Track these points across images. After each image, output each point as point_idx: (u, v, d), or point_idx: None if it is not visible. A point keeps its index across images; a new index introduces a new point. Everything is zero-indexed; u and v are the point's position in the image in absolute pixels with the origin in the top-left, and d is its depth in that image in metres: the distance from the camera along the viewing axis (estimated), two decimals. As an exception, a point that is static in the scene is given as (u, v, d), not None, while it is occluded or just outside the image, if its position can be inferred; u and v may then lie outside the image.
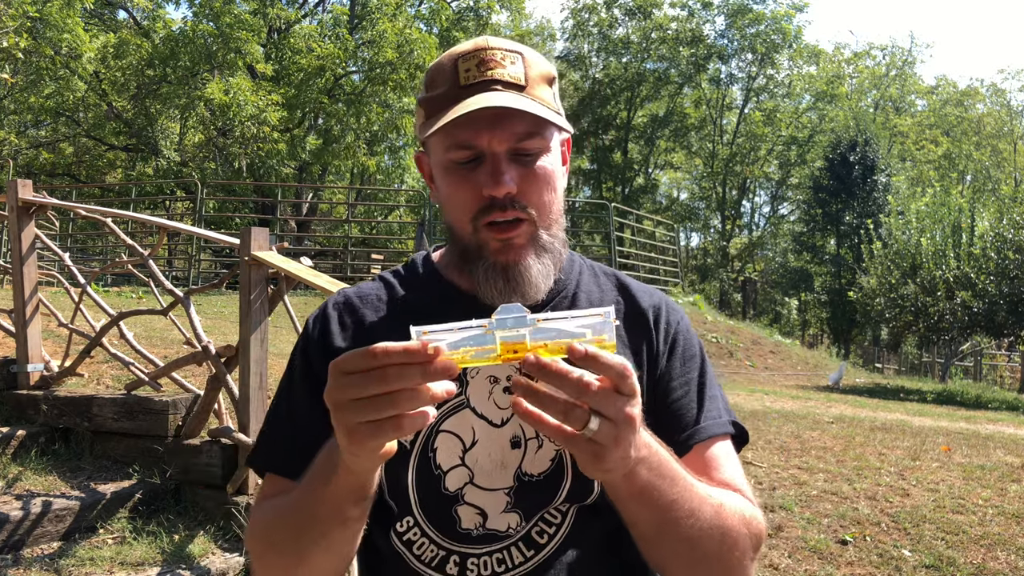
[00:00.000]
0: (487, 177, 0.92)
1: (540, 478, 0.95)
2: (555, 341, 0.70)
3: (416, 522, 0.95)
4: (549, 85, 0.97)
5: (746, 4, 29.79)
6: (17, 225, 4.32)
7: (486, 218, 0.93)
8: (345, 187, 20.41)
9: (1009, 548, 3.34)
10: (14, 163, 16.12)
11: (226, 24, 16.02)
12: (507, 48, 0.95)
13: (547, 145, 0.96)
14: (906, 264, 13.62)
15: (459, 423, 0.95)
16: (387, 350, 0.66)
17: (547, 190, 0.96)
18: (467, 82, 0.93)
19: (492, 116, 0.91)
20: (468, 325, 0.70)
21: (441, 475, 0.95)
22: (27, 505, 3.21)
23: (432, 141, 0.98)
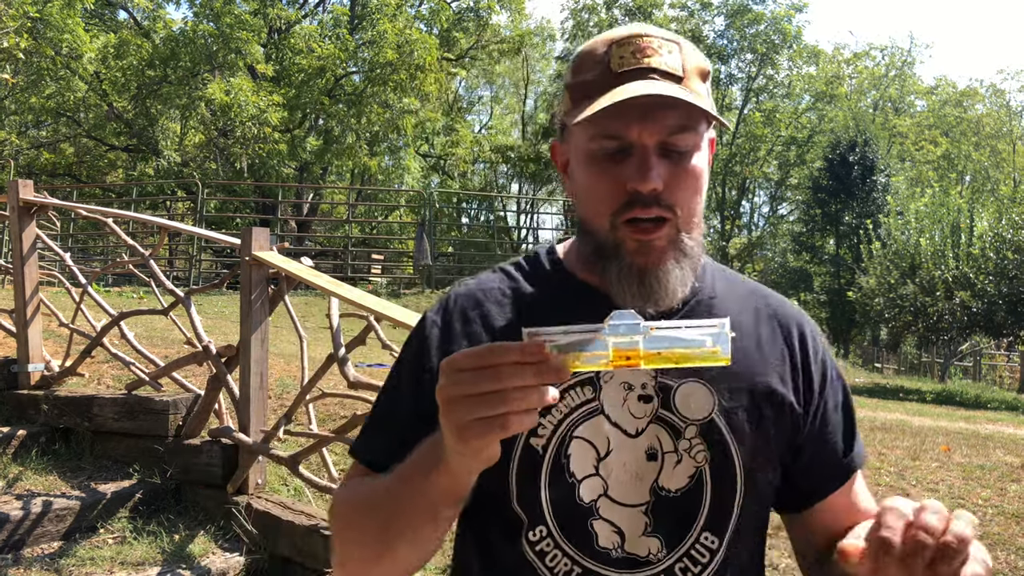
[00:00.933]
0: (633, 170, 0.85)
1: (678, 495, 0.89)
2: (669, 350, 0.70)
3: (549, 532, 0.90)
4: (704, 80, 0.91)
5: (746, 4, 29.80)
6: (18, 225, 4.32)
7: (627, 214, 0.87)
8: (345, 187, 20.42)
9: (1009, 548, 3.35)
10: (15, 163, 16.12)
11: (226, 24, 16.03)
12: (664, 37, 0.89)
13: (699, 142, 0.89)
14: (905, 264, 13.63)
15: (593, 430, 0.90)
16: (502, 348, 0.67)
17: (694, 191, 0.90)
18: (620, 68, 0.86)
19: (644, 107, 0.85)
20: (580, 329, 0.70)
21: (575, 484, 0.89)
22: (28, 505, 3.21)
23: (574, 129, 0.91)
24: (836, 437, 0.98)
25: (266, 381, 3.52)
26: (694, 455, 0.89)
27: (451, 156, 22.69)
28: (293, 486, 3.66)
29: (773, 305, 1.01)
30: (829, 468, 0.97)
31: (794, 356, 0.97)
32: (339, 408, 4.46)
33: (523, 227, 27.33)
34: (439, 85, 18.15)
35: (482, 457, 0.72)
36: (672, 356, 0.70)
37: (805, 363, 0.97)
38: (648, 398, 0.90)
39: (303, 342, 3.89)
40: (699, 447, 0.90)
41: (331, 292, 3.07)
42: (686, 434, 0.90)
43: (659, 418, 0.90)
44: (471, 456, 0.72)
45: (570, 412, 0.90)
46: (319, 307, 9.59)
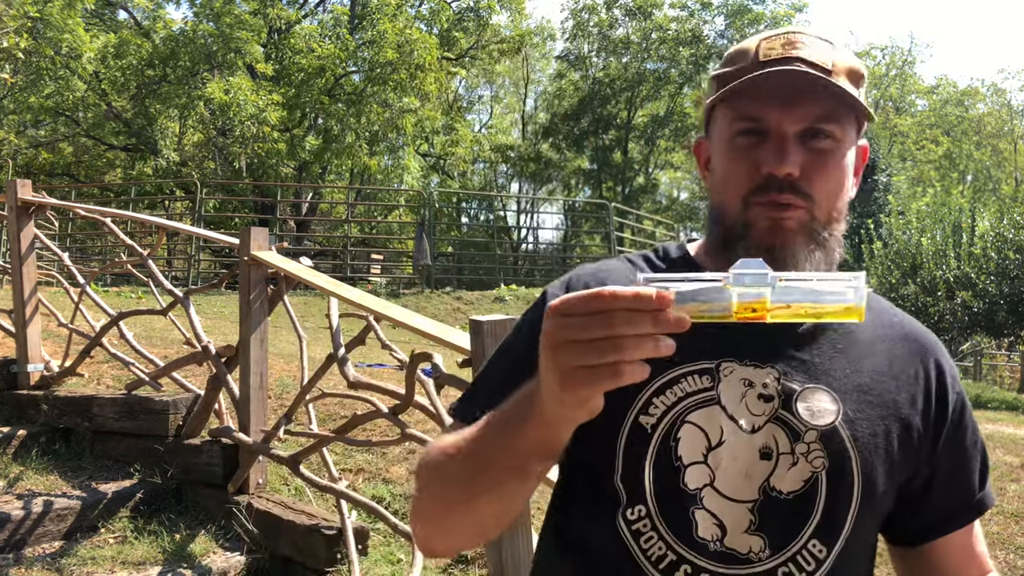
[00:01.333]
0: (770, 153, 0.85)
1: (789, 497, 0.85)
2: (799, 303, 0.64)
3: (648, 513, 0.87)
4: (855, 83, 0.89)
5: (746, 4, 29.79)
6: (16, 225, 4.32)
7: (759, 197, 0.86)
8: (345, 187, 20.42)
9: (1008, 548, 3.35)
10: (13, 163, 16.12)
11: (226, 24, 16.02)
12: (818, 36, 0.89)
13: (844, 136, 0.88)
14: (906, 264, 13.63)
15: (707, 418, 0.87)
16: (615, 294, 0.61)
17: (834, 182, 0.87)
18: (768, 58, 0.86)
19: (788, 92, 0.85)
20: (702, 277, 0.65)
21: (681, 468, 0.86)
22: (28, 505, 3.21)
23: (718, 119, 0.91)
24: (971, 472, 0.96)
25: (266, 381, 3.52)
26: (811, 460, 0.86)
27: (451, 156, 22.68)
28: (294, 486, 3.66)
29: (909, 327, 0.98)
30: (959, 502, 0.95)
31: (928, 381, 0.94)
32: (339, 408, 4.46)
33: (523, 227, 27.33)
34: (439, 85, 18.15)
35: (587, 407, 0.67)
36: (802, 310, 0.64)
37: (941, 391, 0.94)
38: (769, 397, 0.88)
39: (302, 342, 3.88)
40: (818, 453, 0.87)
41: (330, 292, 3.07)
42: (806, 438, 0.87)
43: (778, 418, 0.87)
44: (574, 405, 0.67)
45: (685, 396, 0.88)
46: (319, 307, 9.59)
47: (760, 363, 0.89)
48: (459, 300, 12.69)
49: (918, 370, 0.94)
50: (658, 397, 0.88)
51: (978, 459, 0.97)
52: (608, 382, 0.63)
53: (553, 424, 0.71)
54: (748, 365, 0.89)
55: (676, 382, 0.88)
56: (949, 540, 0.96)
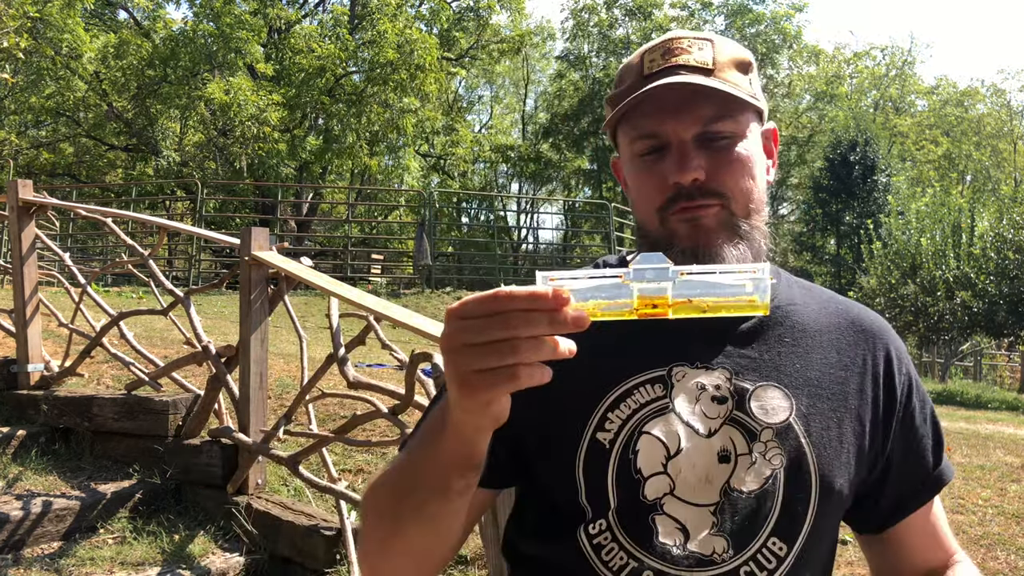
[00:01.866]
0: (673, 164, 0.87)
1: (749, 497, 0.86)
2: (701, 297, 0.63)
3: (609, 526, 0.87)
4: (743, 71, 0.91)
5: (746, 4, 29.79)
6: (17, 225, 4.32)
7: (674, 207, 0.88)
8: (345, 187, 20.42)
9: (1009, 548, 3.34)
10: (14, 163, 16.12)
11: (226, 24, 16.02)
12: (695, 36, 0.91)
13: (741, 130, 0.89)
14: (906, 264, 13.63)
15: (664, 428, 0.87)
16: (511, 294, 0.59)
17: (743, 176, 0.89)
18: (650, 71, 0.89)
19: (676, 101, 0.87)
20: (602, 274, 0.64)
21: (641, 480, 0.86)
22: (27, 505, 3.21)
23: (620, 138, 0.94)
24: (925, 450, 0.96)
25: (266, 381, 3.52)
26: (769, 458, 0.87)
27: (451, 156, 22.68)
28: (293, 486, 3.66)
29: (855, 313, 0.99)
30: (915, 481, 0.95)
31: (876, 368, 0.95)
32: (339, 408, 4.46)
33: (523, 227, 27.32)
34: (439, 85, 18.14)
35: (489, 413, 0.65)
36: (704, 304, 0.63)
37: (889, 378, 0.95)
38: (722, 399, 0.88)
39: (303, 342, 3.88)
40: (775, 451, 0.87)
41: (331, 292, 3.07)
42: (762, 437, 0.87)
43: (733, 419, 0.88)
44: (477, 412, 0.65)
45: (639, 408, 0.88)
46: (319, 307, 9.59)
47: (710, 365, 0.90)
48: (459, 300, 12.69)
49: (866, 358, 0.94)
50: (613, 411, 0.88)
51: (930, 436, 0.97)
52: (506, 385, 0.61)
53: (463, 434, 0.70)
54: (699, 368, 0.89)
55: (629, 394, 0.88)
56: (910, 522, 0.96)
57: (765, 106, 0.93)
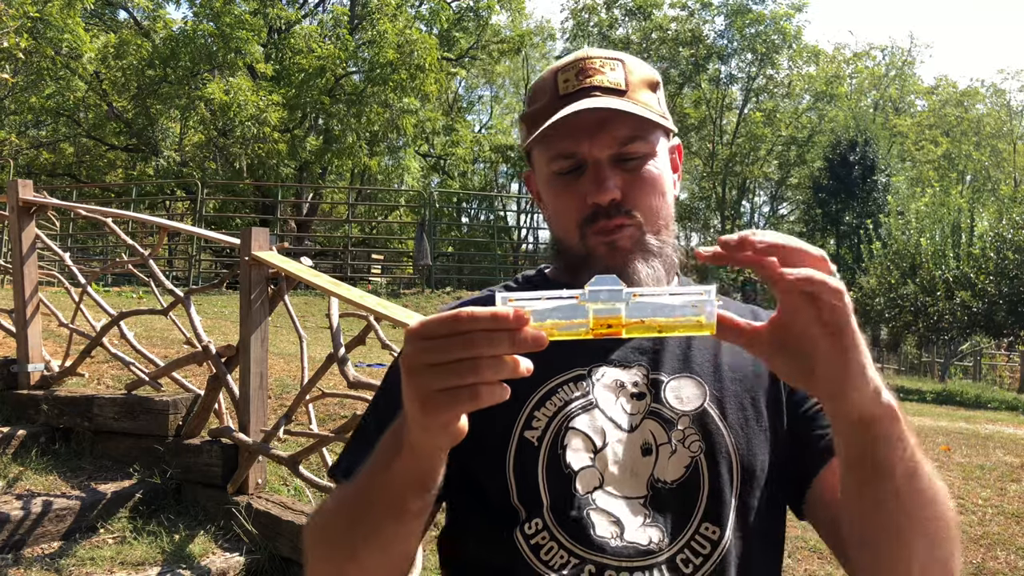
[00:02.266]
0: (590, 185, 0.91)
1: (674, 486, 0.89)
2: (652, 318, 0.66)
3: (546, 525, 0.88)
4: (652, 90, 0.96)
5: (746, 4, 29.79)
6: (18, 225, 4.32)
7: (592, 226, 0.92)
8: (345, 187, 20.42)
9: (1009, 548, 3.35)
10: (14, 163, 16.12)
11: (226, 24, 16.02)
12: (607, 56, 0.95)
13: (653, 149, 0.94)
14: (906, 264, 13.64)
15: (590, 422, 0.90)
16: (473, 314, 0.60)
17: (654, 195, 0.93)
18: (566, 91, 0.92)
19: (592, 123, 0.90)
20: (559, 295, 0.66)
21: (572, 474, 0.88)
22: (28, 505, 3.21)
23: (536, 156, 0.97)
24: (818, 413, 0.95)
25: (266, 381, 3.52)
26: (688, 445, 0.90)
27: (451, 156, 22.68)
28: (293, 486, 3.66)
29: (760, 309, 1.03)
30: (816, 446, 0.93)
31: None
32: (339, 408, 4.46)
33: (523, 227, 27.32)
34: (439, 85, 18.14)
35: (449, 432, 0.65)
36: (655, 325, 0.66)
37: None
38: (640, 395, 0.92)
39: (303, 342, 3.89)
40: (693, 436, 0.90)
41: (331, 292, 3.07)
42: (679, 424, 0.90)
43: (652, 412, 0.91)
44: (437, 431, 0.65)
45: (565, 405, 0.91)
46: (319, 307, 9.59)
47: (627, 363, 0.94)
48: (459, 300, 12.71)
49: None
50: (539, 409, 0.91)
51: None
52: (467, 404, 0.62)
53: (420, 454, 0.71)
54: (617, 366, 0.93)
55: (554, 392, 0.91)
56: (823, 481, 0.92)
57: (672, 124, 0.96)
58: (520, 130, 1.00)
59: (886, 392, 0.70)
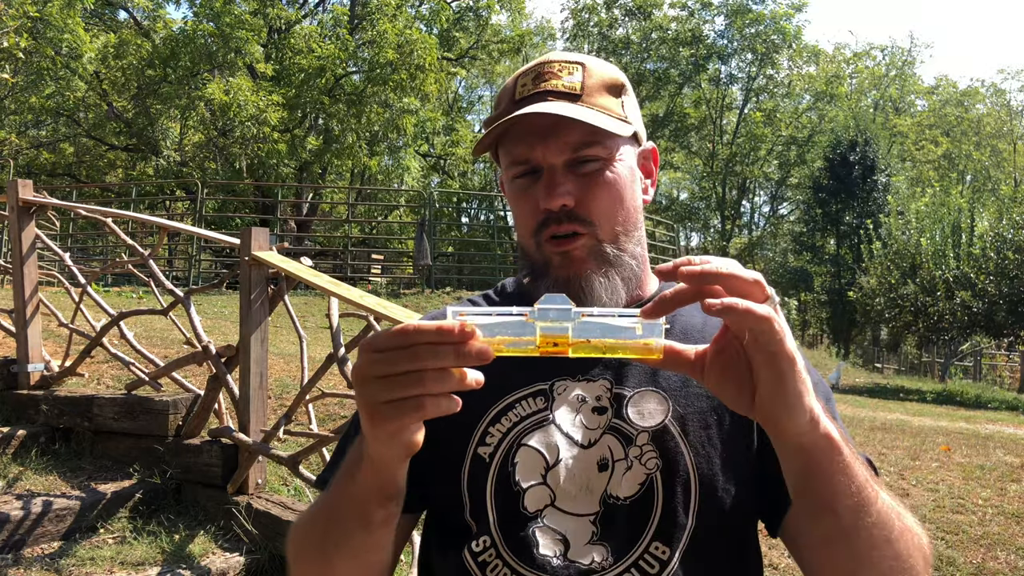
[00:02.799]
0: (542, 189, 0.89)
1: (627, 503, 0.87)
2: (599, 339, 0.66)
3: (493, 542, 0.88)
4: (614, 94, 0.93)
5: (746, 4, 29.80)
6: (17, 225, 4.32)
7: (546, 232, 0.90)
8: (345, 187, 20.41)
9: (1009, 548, 3.34)
10: (14, 163, 16.12)
11: (226, 24, 16.02)
12: (567, 59, 0.92)
13: (610, 154, 0.91)
14: (906, 264, 13.64)
15: (543, 439, 0.89)
16: (419, 328, 0.62)
17: (610, 201, 0.90)
18: (521, 96, 0.91)
19: (544, 128, 0.88)
20: (508, 311, 0.66)
21: (520, 492, 0.88)
22: (28, 505, 3.21)
23: (501, 160, 0.96)
24: None
25: (266, 381, 3.52)
26: (645, 462, 0.88)
27: (451, 156, 22.68)
28: (293, 486, 3.66)
29: None
30: None
31: None
32: (339, 408, 4.46)
33: (523, 227, 27.31)
34: (439, 85, 18.14)
35: (399, 442, 0.67)
36: (602, 346, 0.66)
37: None
38: (602, 409, 0.90)
39: (303, 342, 3.89)
40: (650, 454, 0.88)
41: (331, 292, 3.07)
42: (638, 441, 0.88)
43: (612, 427, 0.89)
44: (386, 442, 0.67)
45: (520, 421, 0.90)
46: (319, 307, 9.59)
47: (591, 377, 0.92)
48: (459, 300, 12.71)
49: None
50: (494, 426, 0.90)
51: None
52: (412, 415, 0.63)
53: (378, 464, 0.72)
54: (581, 380, 0.91)
55: (511, 408, 0.91)
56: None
57: (640, 127, 0.94)
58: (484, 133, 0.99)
59: (825, 421, 0.69)
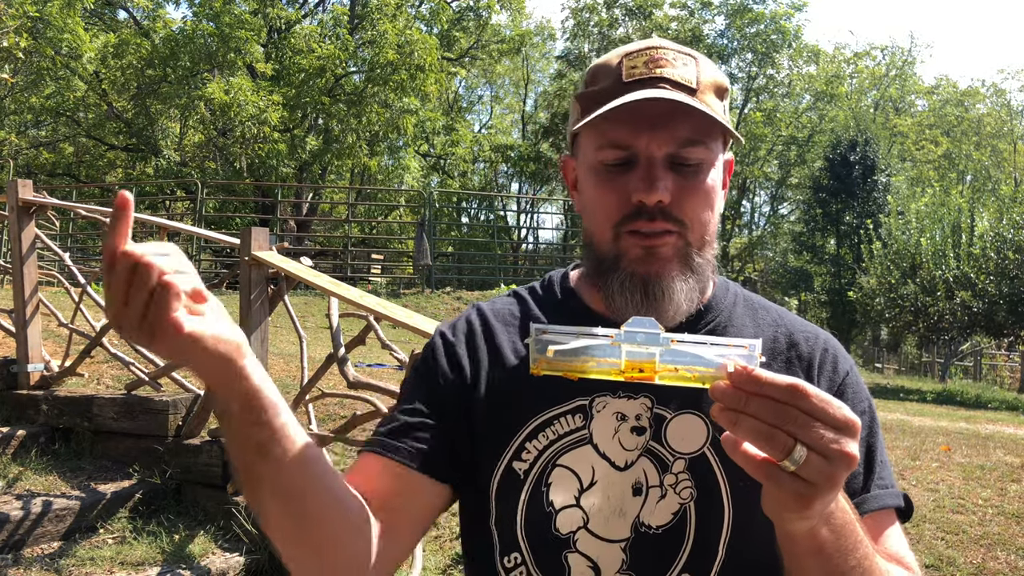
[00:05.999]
0: (639, 181, 0.82)
1: (659, 532, 0.85)
2: (689, 367, 0.63)
3: (524, 560, 0.87)
4: (720, 97, 0.88)
5: (746, 4, 29.80)
6: (17, 225, 4.32)
7: (630, 225, 0.84)
8: (345, 187, 20.42)
9: (1009, 548, 3.34)
10: (14, 163, 16.11)
11: (226, 24, 16.02)
12: (680, 50, 0.87)
13: (711, 158, 0.86)
14: (906, 264, 13.63)
15: (578, 459, 0.86)
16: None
17: (705, 207, 0.85)
18: (631, 78, 0.84)
19: (654, 116, 0.82)
20: (592, 331, 0.64)
21: (552, 513, 0.86)
22: (27, 505, 3.21)
23: (582, 141, 0.89)
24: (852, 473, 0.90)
25: (266, 381, 3.51)
26: (679, 491, 0.85)
27: (451, 156, 22.68)
28: (293, 486, 3.65)
29: (797, 338, 0.94)
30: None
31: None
32: (339, 408, 4.45)
33: (523, 227, 27.32)
34: (439, 85, 18.14)
35: (162, 348, 0.67)
36: (691, 375, 0.63)
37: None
38: (641, 430, 0.87)
39: (303, 342, 3.88)
40: (685, 483, 0.86)
41: (331, 292, 3.06)
42: (673, 468, 0.86)
43: (649, 451, 0.87)
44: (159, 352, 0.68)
45: (557, 439, 0.88)
46: (319, 307, 9.59)
47: (633, 394, 0.87)
48: (459, 300, 12.69)
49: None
50: (530, 442, 0.88)
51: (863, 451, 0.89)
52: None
53: (205, 375, 0.72)
54: (622, 397, 0.87)
55: (549, 424, 0.88)
56: None
57: (737, 134, 0.90)
58: (573, 110, 0.91)
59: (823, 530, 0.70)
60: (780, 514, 0.66)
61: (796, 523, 0.67)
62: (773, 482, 0.63)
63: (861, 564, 0.72)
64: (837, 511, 0.70)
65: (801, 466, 0.61)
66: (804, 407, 0.61)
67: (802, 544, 0.70)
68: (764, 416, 0.61)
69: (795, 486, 0.62)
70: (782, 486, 0.62)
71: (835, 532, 0.70)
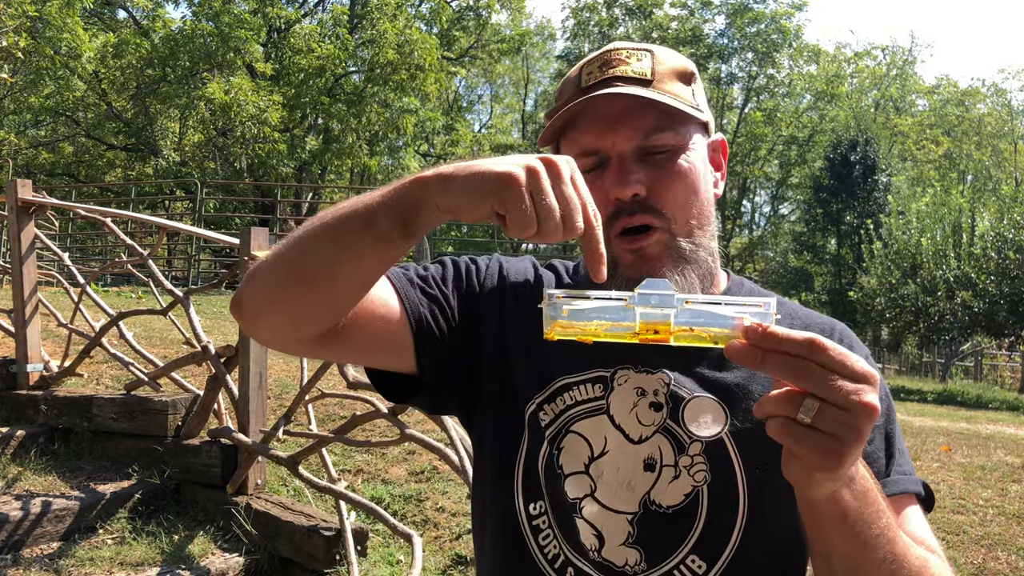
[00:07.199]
0: (612, 179, 0.84)
1: (669, 512, 0.85)
2: (704, 327, 0.62)
3: (546, 510, 0.88)
4: (685, 82, 0.88)
5: (746, 3, 29.79)
6: (17, 225, 4.31)
7: (616, 226, 0.85)
8: (345, 187, 20.41)
9: (1009, 548, 3.34)
10: (14, 163, 16.11)
11: (225, 24, 16.03)
12: (635, 47, 0.89)
13: (683, 142, 0.86)
14: (906, 264, 13.63)
15: (592, 427, 0.88)
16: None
17: (684, 191, 0.85)
18: (587, 83, 0.87)
19: (612, 115, 0.84)
20: (607, 295, 0.64)
21: (562, 476, 0.87)
22: (27, 505, 3.20)
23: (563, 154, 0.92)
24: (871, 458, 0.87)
25: (265, 381, 3.52)
26: (693, 473, 0.85)
27: (451, 156, 22.69)
28: (293, 486, 3.65)
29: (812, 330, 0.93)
30: None
31: None
32: (338, 408, 4.45)
33: (523, 227, 27.30)
34: (439, 85, 18.14)
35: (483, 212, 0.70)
36: (706, 335, 0.63)
37: None
38: (659, 406, 0.87)
39: (302, 342, 3.87)
40: (700, 466, 0.86)
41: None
42: (690, 450, 0.86)
43: (666, 428, 0.87)
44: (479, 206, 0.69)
45: (573, 405, 0.89)
46: (319, 307, 9.56)
47: (652, 369, 0.88)
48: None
49: None
50: (549, 404, 0.90)
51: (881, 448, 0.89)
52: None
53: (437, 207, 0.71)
54: (642, 371, 0.89)
55: (567, 389, 0.90)
56: None
57: (710, 117, 0.91)
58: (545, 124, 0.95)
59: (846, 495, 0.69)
60: (808, 475, 0.64)
61: (824, 484, 0.66)
62: (793, 439, 0.62)
63: (884, 534, 0.72)
64: (858, 476, 0.70)
65: (820, 419, 0.61)
66: (822, 361, 0.61)
67: (825, 511, 0.69)
68: (782, 373, 0.61)
69: (820, 440, 0.61)
70: (805, 443, 0.61)
71: (857, 498, 0.70)
